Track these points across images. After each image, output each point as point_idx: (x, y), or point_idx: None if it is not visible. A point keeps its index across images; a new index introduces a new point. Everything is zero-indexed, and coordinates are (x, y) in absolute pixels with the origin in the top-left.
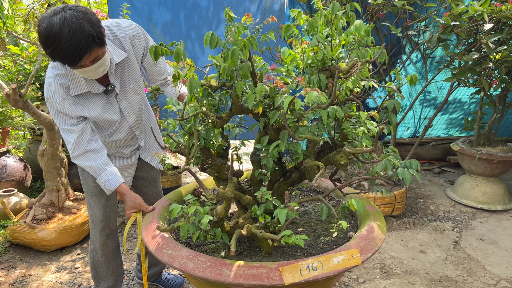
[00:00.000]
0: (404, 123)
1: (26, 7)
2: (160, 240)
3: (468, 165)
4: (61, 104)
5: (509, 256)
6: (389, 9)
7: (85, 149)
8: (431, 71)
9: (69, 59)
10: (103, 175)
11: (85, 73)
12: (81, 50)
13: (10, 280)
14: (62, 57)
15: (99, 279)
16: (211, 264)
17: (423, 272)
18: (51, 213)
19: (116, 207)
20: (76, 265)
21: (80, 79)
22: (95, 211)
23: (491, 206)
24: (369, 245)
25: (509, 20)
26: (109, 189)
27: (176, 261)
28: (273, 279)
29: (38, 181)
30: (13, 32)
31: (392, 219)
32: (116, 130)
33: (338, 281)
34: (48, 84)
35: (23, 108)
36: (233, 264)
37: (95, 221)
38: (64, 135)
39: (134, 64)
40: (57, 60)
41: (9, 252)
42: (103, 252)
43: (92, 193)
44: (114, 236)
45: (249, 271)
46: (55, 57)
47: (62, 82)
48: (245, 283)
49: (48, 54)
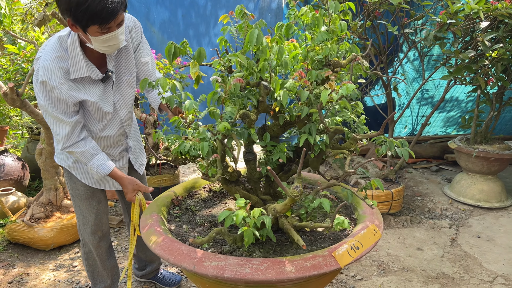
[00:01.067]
0: (401, 122)
1: (23, 6)
2: (193, 254)
3: (465, 163)
4: (58, 88)
5: (505, 253)
6: (386, 7)
7: (75, 140)
8: (428, 69)
9: (108, 12)
10: (95, 160)
11: (107, 41)
12: (118, 4)
13: (9, 278)
14: (101, 10)
15: (96, 280)
16: (268, 265)
17: (420, 269)
18: (49, 212)
19: (107, 210)
20: (74, 264)
21: (81, 63)
22: (86, 215)
23: (488, 204)
24: (378, 219)
25: (505, 18)
26: (102, 174)
27: (227, 271)
28: (330, 265)
29: (36, 180)
30: (11, 31)
31: (390, 217)
32: (108, 124)
33: (335, 278)
34: (45, 66)
35: (21, 107)
36: (288, 261)
37: (86, 225)
38: (54, 125)
39: (130, 56)
40: (90, 18)
41: (7, 251)
42: (97, 254)
43: (83, 197)
44: (106, 238)
45: (307, 263)
46: (93, 10)
47: (61, 66)
48: (308, 275)
49: (83, 10)
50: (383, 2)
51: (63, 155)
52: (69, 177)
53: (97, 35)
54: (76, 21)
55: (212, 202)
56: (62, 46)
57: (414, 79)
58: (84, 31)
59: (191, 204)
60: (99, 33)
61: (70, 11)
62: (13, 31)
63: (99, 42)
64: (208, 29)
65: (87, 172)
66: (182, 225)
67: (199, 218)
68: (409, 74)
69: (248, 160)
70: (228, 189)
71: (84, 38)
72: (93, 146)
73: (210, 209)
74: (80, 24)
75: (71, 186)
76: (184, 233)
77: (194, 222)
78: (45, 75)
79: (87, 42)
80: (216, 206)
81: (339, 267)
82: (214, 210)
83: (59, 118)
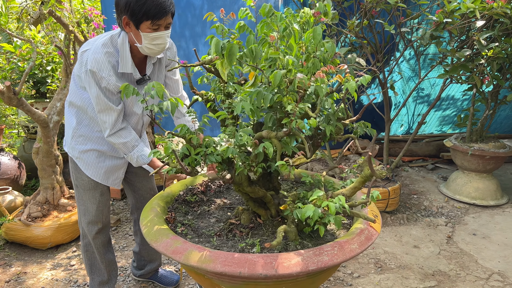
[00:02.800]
0: (397, 120)
1: (19, 5)
2: (267, 259)
3: (461, 161)
4: (106, 80)
5: (501, 250)
6: (382, 6)
7: (119, 127)
8: (424, 68)
9: (161, 9)
10: (136, 150)
11: (156, 39)
12: (170, 5)
13: (6, 277)
14: (155, 6)
15: (93, 273)
16: (338, 248)
17: (416, 267)
18: (46, 211)
19: (109, 203)
20: (71, 263)
21: (128, 60)
22: (88, 205)
23: (483, 202)
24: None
25: (500, 17)
26: (141, 163)
27: (311, 263)
28: (374, 233)
29: (32, 179)
30: (7, 30)
31: (386, 215)
32: (132, 125)
33: (332, 276)
34: (96, 59)
35: (17, 105)
36: (347, 241)
37: (87, 215)
38: (103, 115)
39: (163, 69)
40: (145, 12)
41: (4, 250)
42: (96, 246)
43: (86, 188)
44: (106, 231)
45: (361, 237)
46: (149, 5)
47: (110, 60)
48: (365, 247)
49: (141, 5)
50: (380, 1)
51: (72, 145)
52: (74, 167)
53: (148, 31)
54: (132, 16)
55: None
56: (112, 44)
57: (410, 78)
58: (137, 27)
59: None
60: (150, 29)
61: (128, 7)
62: (9, 30)
63: (148, 40)
64: (205, 29)
65: (91, 165)
66: (198, 225)
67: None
68: (405, 73)
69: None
70: (252, 190)
71: (134, 37)
72: (134, 137)
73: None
74: (135, 18)
75: (76, 176)
76: (204, 233)
77: (209, 220)
78: (95, 66)
79: (136, 42)
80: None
81: (378, 233)
82: (213, 206)
83: (108, 106)
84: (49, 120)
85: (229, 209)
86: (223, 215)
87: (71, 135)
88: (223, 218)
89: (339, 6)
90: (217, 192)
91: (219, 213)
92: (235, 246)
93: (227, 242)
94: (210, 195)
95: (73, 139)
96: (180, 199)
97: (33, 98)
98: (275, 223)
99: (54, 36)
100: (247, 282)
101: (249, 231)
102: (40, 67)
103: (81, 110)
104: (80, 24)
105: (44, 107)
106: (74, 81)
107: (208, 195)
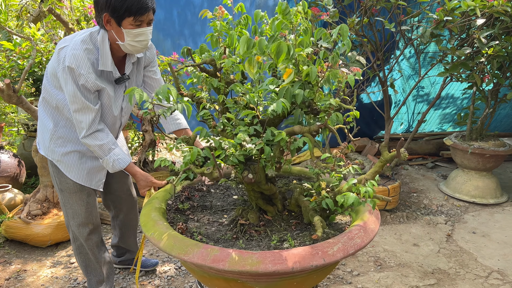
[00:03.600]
0: (398, 118)
1: (18, 3)
2: (319, 248)
3: (460, 159)
4: (85, 77)
5: (500, 248)
6: (382, 4)
7: (96, 128)
8: (424, 66)
9: (143, 4)
10: (112, 154)
11: (138, 35)
12: (151, 1)
13: (6, 275)
14: (139, 1)
15: (89, 273)
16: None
17: (416, 265)
18: (46, 209)
19: (97, 203)
20: (71, 260)
21: (108, 58)
22: (76, 208)
23: (483, 200)
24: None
25: (501, 15)
26: (117, 168)
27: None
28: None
29: (32, 177)
30: (7, 27)
31: (386, 213)
32: (108, 126)
33: (332, 273)
34: (75, 55)
35: (17, 103)
36: (370, 220)
37: (76, 218)
38: (80, 114)
39: (141, 70)
40: (127, 8)
41: (4, 247)
42: (89, 247)
43: (72, 191)
44: (97, 231)
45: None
46: (130, 2)
47: (90, 57)
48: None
49: (122, 1)
50: None
51: (51, 148)
52: (56, 171)
53: (130, 27)
54: (113, 12)
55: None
56: (92, 41)
57: (410, 76)
58: (119, 24)
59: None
60: (133, 26)
61: (110, 3)
62: (9, 27)
63: (131, 37)
64: (204, 28)
65: (73, 167)
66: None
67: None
68: (405, 71)
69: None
70: (269, 187)
71: (115, 35)
72: (111, 139)
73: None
74: (117, 15)
75: (59, 181)
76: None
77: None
78: (73, 62)
79: (117, 40)
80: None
81: (379, 211)
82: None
83: (85, 105)
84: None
85: (223, 211)
86: (222, 218)
87: (49, 137)
88: (225, 221)
89: (339, 4)
90: (202, 196)
91: (216, 217)
92: (261, 245)
93: (251, 243)
94: (197, 200)
95: (52, 141)
96: (172, 209)
97: (32, 96)
98: (284, 217)
99: (54, 34)
100: (285, 278)
101: (265, 228)
102: (40, 65)
103: (57, 110)
104: (79, 22)
105: None
106: (48, 80)
107: (195, 201)
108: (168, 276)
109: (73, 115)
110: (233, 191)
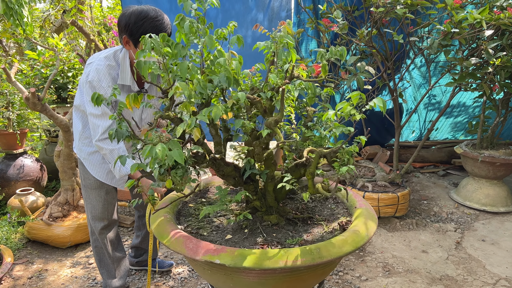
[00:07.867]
0: (409, 127)
1: (41, 13)
2: None
3: (471, 167)
4: (105, 90)
5: (509, 256)
6: (392, 15)
7: None
8: (435, 75)
9: (159, 30)
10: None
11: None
12: (167, 26)
13: (28, 274)
14: (154, 27)
15: (102, 267)
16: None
17: (424, 271)
18: (66, 211)
19: (115, 202)
20: (90, 261)
21: (127, 73)
22: (94, 203)
23: (493, 208)
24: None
25: (508, 28)
26: (123, 173)
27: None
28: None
29: (53, 181)
30: (32, 39)
31: (396, 219)
32: None
33: (341, 278)
34: (97, 70)
35: (41, 110)
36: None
37: (93, 213)
38: (97, 119)
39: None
40: (144, 31)
41: (27, 248)
42: (102, 241)
43: (92, 187)
44: (112, 228)
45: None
46: (156, 23)
47: (111, 72)
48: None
49: (138, 26)
50: (389, 11)
51: (79, 146)
52: (82, 168)
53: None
54: (130, 36)
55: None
56: (115, 58)
57: (421, 85)
58: (135, 46)
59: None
60: None
61: (128, 27)
62: (35, 38)
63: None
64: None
65: (96, 165)
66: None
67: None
68: (416, 80)
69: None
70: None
71: (133, 55)
72: (121, 146)
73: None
74: (134, 38)
75: (84, 177)
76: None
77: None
78: (95, 76)
79: (135, 59)
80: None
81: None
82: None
83: (105, 111)
84: (70, 124)
85: (217, 214)
86: (221, 220)
87: (78, 137)
88: (223, 224)
89: (349, 15)
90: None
91: (214, 220)
92: (282, 242)
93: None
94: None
95: (80, 141)
96: (181, 219)
97: (54, 103)
98: (280, 208)
99: (76, 44)
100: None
101: (271, 223)
102: (62, 74)
103: (85, 115)
104: (100, 33)
105: (65, 111)
106: (79, 89)
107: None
108: (182, 277)
109: (92, 120)
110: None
